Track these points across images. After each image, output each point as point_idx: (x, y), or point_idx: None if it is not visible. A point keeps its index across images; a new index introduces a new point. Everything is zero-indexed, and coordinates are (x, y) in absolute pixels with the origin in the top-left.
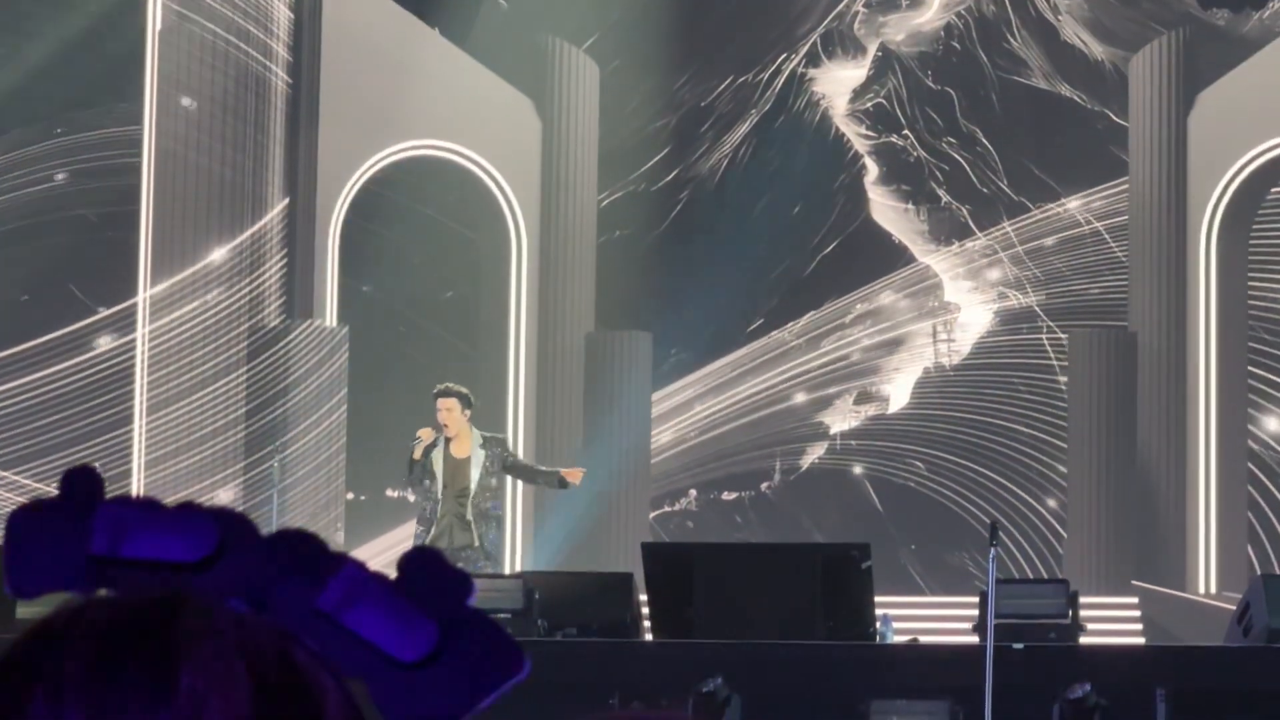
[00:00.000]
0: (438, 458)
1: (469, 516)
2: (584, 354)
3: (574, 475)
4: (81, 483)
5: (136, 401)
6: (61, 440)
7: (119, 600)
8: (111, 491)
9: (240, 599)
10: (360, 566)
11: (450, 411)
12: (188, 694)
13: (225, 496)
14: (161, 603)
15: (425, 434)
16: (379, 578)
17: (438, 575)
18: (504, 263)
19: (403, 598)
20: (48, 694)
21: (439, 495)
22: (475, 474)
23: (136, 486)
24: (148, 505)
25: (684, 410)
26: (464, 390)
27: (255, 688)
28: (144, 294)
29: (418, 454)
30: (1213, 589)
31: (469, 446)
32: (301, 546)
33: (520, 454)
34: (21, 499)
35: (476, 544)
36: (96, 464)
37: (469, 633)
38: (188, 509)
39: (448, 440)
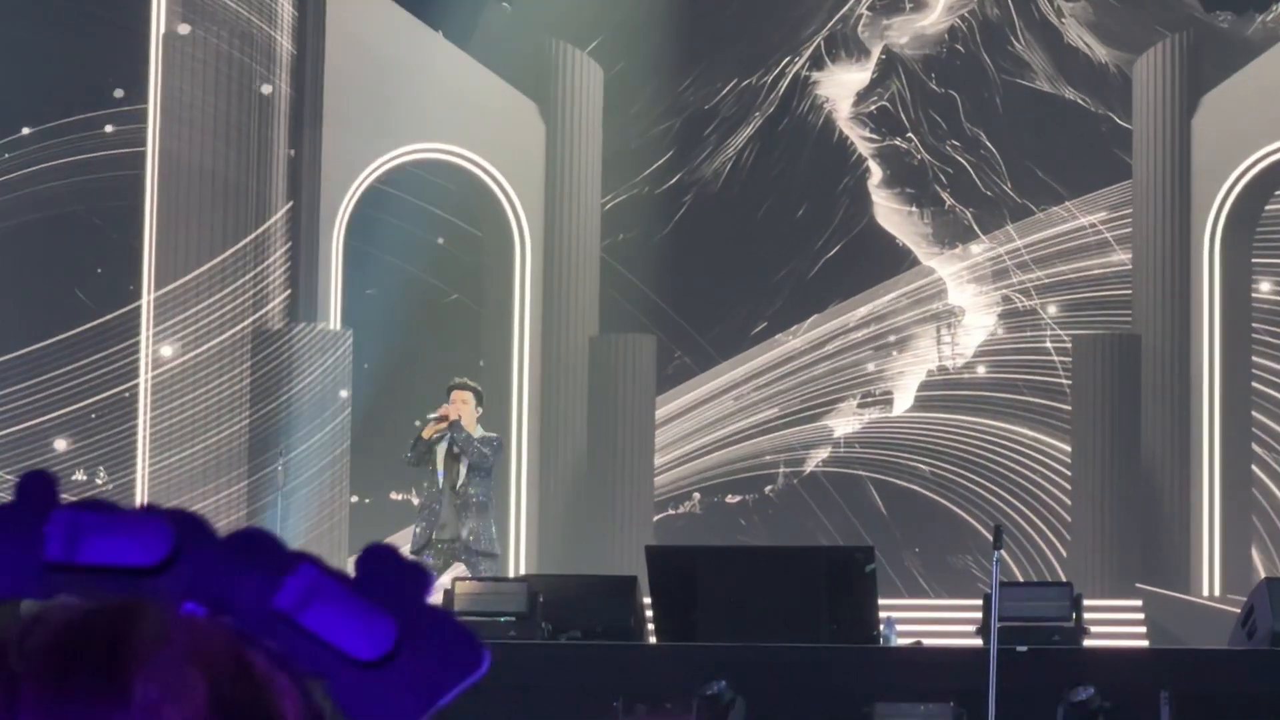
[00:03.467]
0: (440, 453)
1: (459, 507)
2: (588, 357)
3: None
4: (36, 488)
5: (140, 405)
6: (65, 443)
7: (73, 607)
8: (112, 496)
9: (197, 601)
10: (318, 564)
11: (466, 404)
12: (141, 703)
13: (229, 499)
14: (115, 610)
15: (451, 412)
16: (337, 575)
17: (395, 572)
18: (508, 266)
19: (361, 595)
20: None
21: (439, 485)
22: (464, 467)
23: (140, 490)
24: (102, 508)
25: (688, 413)
26: (479, 387)
27: (211, 694)
28: (148, 297)
29: (428, 433)
30: (1217, 592)
31: None
32: (258, 546)
33: (520, 454)
34: None
35: (466, 535)
36: (100, 468)
37: (428, 629)
38: (143, 511)
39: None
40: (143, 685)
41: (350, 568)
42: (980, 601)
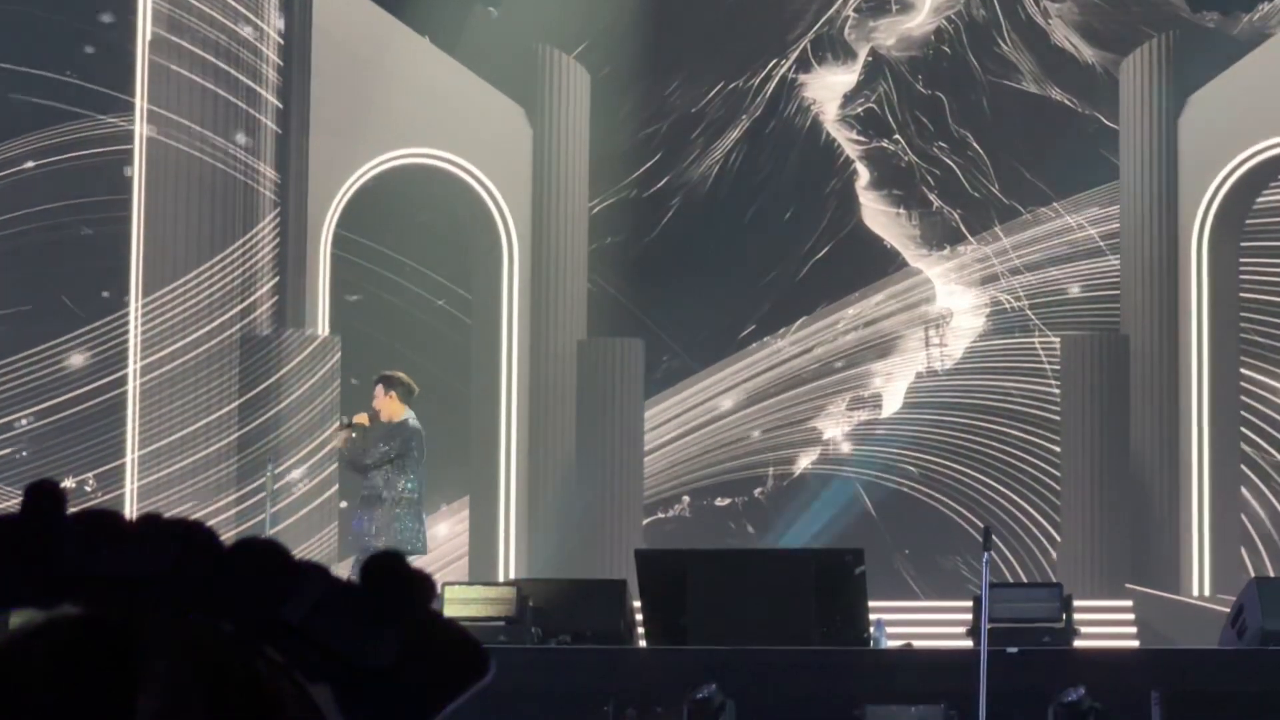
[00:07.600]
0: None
1: (377, 510)
2: (576, 361)
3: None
4: (43, 499)
5: (129, 412)
6: (54, 450)
7: (75, 620)
8: (103, 503)
9: (203, 612)
10: (325, 574)
11: (377, 399)
12: (143, 717)
13: (219, 505)
14: (119, 621)
15: (360, 418)
16: (343, 585)
17: (400, 580)
18: (495, 270)
19: (366, 603)
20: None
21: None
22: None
23: (129, 497)
24: (109, 519)
25: (677, 417)
26: (386, 374)
27: (214, 706)
28: (136, 305)
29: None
30: (1206, 592)
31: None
32: (264, 556)
33: (509, 458)
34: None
35: (379, 537)
36: (89, 475)
37: (433, 637)
38: (149, 522)
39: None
40: (145, 699)
41: (347, 575)
42: (970, 603)
